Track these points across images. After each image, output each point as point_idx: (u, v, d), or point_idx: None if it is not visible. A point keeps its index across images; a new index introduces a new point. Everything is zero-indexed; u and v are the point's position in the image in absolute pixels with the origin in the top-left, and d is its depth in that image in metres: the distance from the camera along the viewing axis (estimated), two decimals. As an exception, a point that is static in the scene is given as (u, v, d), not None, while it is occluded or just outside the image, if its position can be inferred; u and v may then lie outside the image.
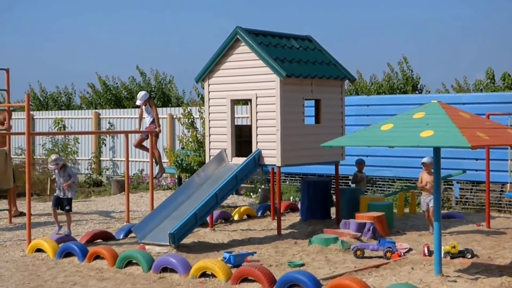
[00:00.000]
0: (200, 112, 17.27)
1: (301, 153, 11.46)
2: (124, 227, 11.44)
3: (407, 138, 7.81)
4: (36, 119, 24.13)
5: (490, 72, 21.04)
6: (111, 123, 22.02)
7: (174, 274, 8.59)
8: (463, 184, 15.04)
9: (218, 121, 11.73)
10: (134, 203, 15.50)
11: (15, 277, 8.82)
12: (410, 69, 23.72)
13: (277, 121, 11.02)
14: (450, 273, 8.22)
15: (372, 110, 16.16)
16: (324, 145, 8.60)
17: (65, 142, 21.75)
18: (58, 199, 11.19)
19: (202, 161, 15.43)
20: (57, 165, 11.02)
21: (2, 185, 12.78)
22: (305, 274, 7.57)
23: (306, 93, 11.53)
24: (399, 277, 8.16)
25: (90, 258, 9.48)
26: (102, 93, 28.58)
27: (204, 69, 11.72)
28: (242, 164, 11.07)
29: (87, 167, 22.09)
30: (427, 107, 8.28)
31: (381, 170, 15.82)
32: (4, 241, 11.36)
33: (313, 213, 12.48)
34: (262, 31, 11.58)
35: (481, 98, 15.10)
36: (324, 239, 10.08)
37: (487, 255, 9.30)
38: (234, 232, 11.54)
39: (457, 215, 12.96)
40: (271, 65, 10.93)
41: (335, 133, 11.65)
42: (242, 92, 11.50)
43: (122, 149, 21.26)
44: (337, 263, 9.06)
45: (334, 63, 12.16)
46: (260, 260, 9.26)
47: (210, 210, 10.77)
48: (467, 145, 7.20)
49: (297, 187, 16.84)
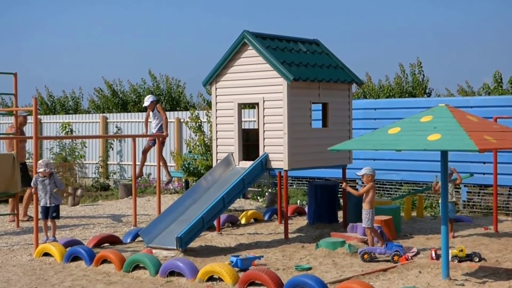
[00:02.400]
0: (208, 116, 17.29)
1: (308, 157, 11.45)
2: (131, 231, 11.45)
3: (414, 142, 7.79)
4: (43, 123, 24.20)
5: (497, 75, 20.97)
6: (118, 127, 22.05)
7: (181, 278, 8.59)
8: (470, 187, 15.00)
9: (225, 125, 11.73)
10: (141, 207, 15.51)
11: (23, 281, 8.83)
12: (421, 73, 23.58)
13: (284, 125, 11.02)
14: (457, 277, 8.20)
15: (380, 114, 16.14)
16: (331, 149, 8.59)
17: (72, 146, 21.81)
18: (45, 209, 10.77)
19: (209, 165, 15.44)
20: (50, 169, 10.74)
21: (9, 189, 12.79)
22: (312, 278, 7.55)
23: (313, 96, 11.53)
24: (407, 281, 8.14)
25: (97, 262, 9.49)
26: (109, 97, 28.65)
27: (212, 73, 11.73)
28: (249, 168, 11.07)
29: (94, 171, 22.13)
30: (434, 110, 8.26)
31: (389, 173, 15.79)
32: (12, 245, 11.38)
33: (320, 216, 12.47)
34: (269, 35, 11.58)
35: (489, 101, 15.06)
36: (331, 242, 10.07)
37: (495, 259, 9.27)
38: (241, 236, 11.53)
39: (464, 219, 12.93)
40: (278, 69, 10.93)
41: (342, 137, 11.63)
42: (249, 96, 11.50)
43: (129, 153, 21.29)
44: (344, 266, 9.05)
45: (342, 67, 12.16)
46: (267, 264, 9.25)
47: (217, 214, 10.76)
48: (475, 149, 7.18)
49: (304, 190, 16.83)
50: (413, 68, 23.74)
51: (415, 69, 23.69)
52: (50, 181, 10.71)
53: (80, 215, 14.78)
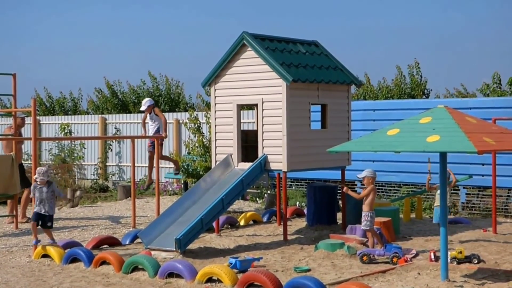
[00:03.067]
0: (206, 117, 17.28)
1: (307, 158, 11.45)
2: (130, 233, 11.45)
3: (413, 143, 7.79)
4: (42, 124, 24.18)
5: (496, 76, 20.99)
6: (117, 128, 22.04)
7: (180, 279, 8.59)
8: (469, 189, 14.99)
9: (224, 126, 11.73)
10: (140, 209, 15.51)
11: (21, 282, 8.83)
12: (419, 74, 23.61)
13: (283, 126, 11.02)
14: (456, 279, 8.20)
15: (379, 115, 16.13)
16: (330, 150, 8.59)
17: (71, 147, 21.79)
18: (38, 215, 10.36)
19: (208, 166, 15.43)
20: (48, 177, 10.41)
21: (9, 191, 12.78)
22: (311, 280, 7.55)
23: (312, 98, 11.53)
24: (406, 283, 8.14)
25: (96, 263, 9.49)
26: (109, 98, 28.63)
27: (211, 74, 11.73)
28: (248, 169, 11.06)
29: (93, 172, 22.11)
30: (433, 112, 8.26)
31: (387, 175, 15.78)
32: (11, 246, 11.37)
33: (319, 218, 12.47)
34: (268, 36, 11.58)
35: (488, 103, 15.06)
36: (330, 244, 10.07)
37: (494, 261, 9.26)
38: (240, 237, 11.53)
39: (463, 221, 12.93)
40: (277, 70, 10.93)
41: (341, 138, 11.64)
42: (248, 97, 11.50)
43: (128, 155, 21.27)
44: (343, 268, 9.04)
45: (341, 68, 12.16)
46: (266, 265, 9.25)
47: (216, 215, 10.76)
48: (474, 150, 7.18)
49: (303, 192, 16.82)
50: (411, 69, 23.76)
51: (413, 70, 23.71)
52: (48, 189, 10.35)
53: (79, 217, 14.77)
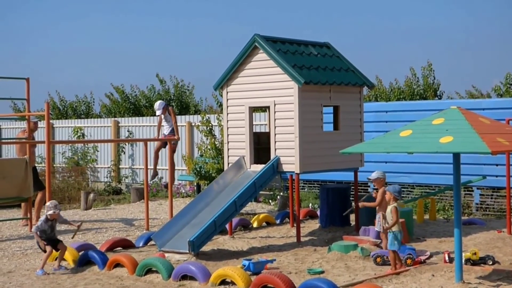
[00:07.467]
0: (219, 120, 17.31)
1: (320, 160, 11.44)
2: (144, 235, 11.47)
3: (426, 144, 7.77)
4: (55, 127, 24.29)
5: (509, 77, 20.90)
6: (130, 131, 22.11)
7: (194, 281, 8.60)
8: (483, 190, 14.94)
9: (236, 129, 11.74)
10: (153, 211, 15.54)
11: (36, 285, 8.87)
12: (432, 75, 23.52)
13: (295, 128, 11.02)
14: (471, 280, 8.16)
15: (391, 116, 16.11)
16: (342, 152, 8.58)
17: (84, 150, 21.89)
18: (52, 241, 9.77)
19: (220, 169, 15.45)
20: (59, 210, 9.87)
21: (22, 194, 12.85)
22: (324, 282, 7.54)
23: (324, 99, 11.52)
24: (420, 284, 8.11)
25: (110, 266, 9.51)
26: (121, 102, 28.69)
27: (223, 77, 11.75)
28: (261, 171, 11.07)
29: (106, 175, 22.19)
30: (446, 113, 8.23)
31: (400, 176, 15.75)
32: (25, 249, 11.43)
33: (332, 220, 12.44)
34: (280, 38, 11.59)
35: (501, 103, 15.00)
36: (343, 246, 10.05)
37: (509, 262, 9.22)
38: (253, 239, 11.53)
39: (477, 222, 12.87)
40: (289, 72, 10.93)
41: (354, 140, 11.63)
42: (260, 99, 11.50)
43: (141, 157, 21.33)
44: (357, 270, 9.03)
45: (353, 70, 12.14)
46: (279, 267, 9.25)
47: (229, 217, 10.77)
48: (487, 151, 7.15)
49: (316, 194, 16.81)
50: (424, 71, 23.68)
51: (426, 72, 23.62)
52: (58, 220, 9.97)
53: (93, 219, 14.82)
